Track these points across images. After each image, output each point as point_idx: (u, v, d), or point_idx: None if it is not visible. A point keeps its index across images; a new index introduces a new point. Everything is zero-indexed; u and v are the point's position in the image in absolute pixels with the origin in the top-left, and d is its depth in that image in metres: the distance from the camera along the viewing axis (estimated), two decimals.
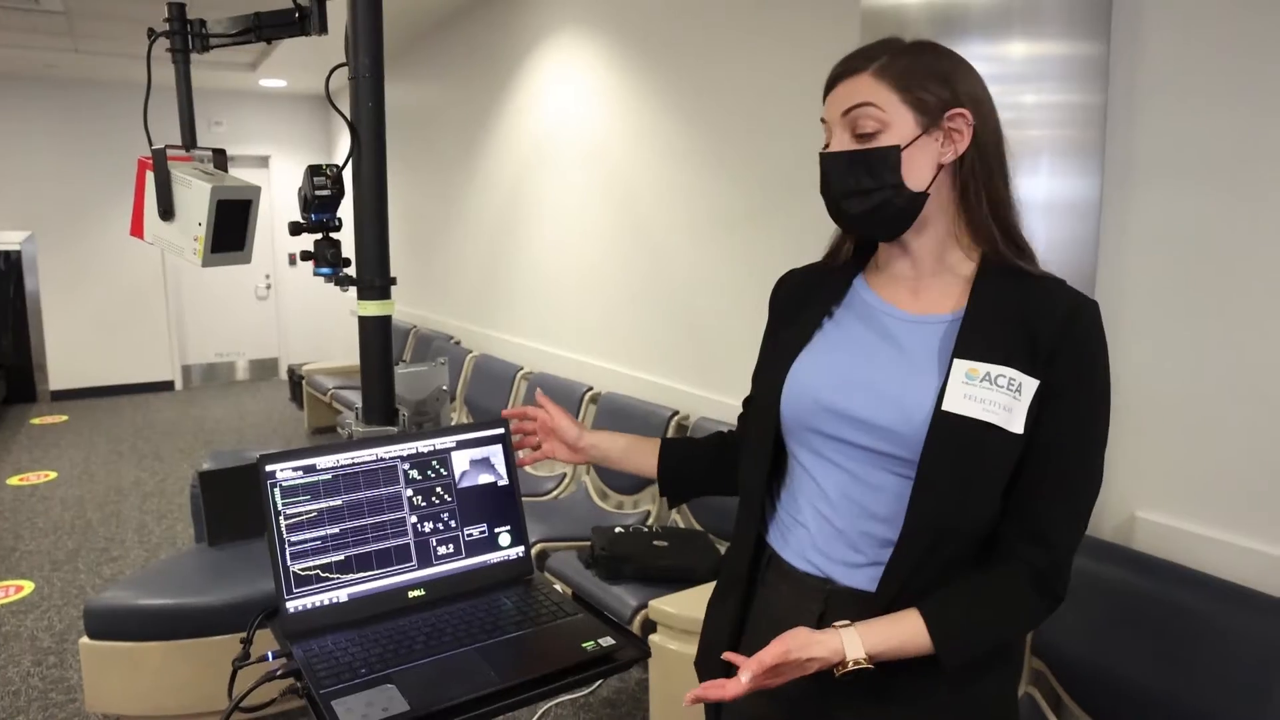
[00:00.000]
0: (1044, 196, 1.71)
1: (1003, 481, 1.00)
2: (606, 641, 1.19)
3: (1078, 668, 1.73)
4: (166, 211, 1.60)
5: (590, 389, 3.72)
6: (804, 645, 0.96)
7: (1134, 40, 1.75)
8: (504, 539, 1.38)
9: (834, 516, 1.08)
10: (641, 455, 1.35)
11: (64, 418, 6.92)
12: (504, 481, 1.39)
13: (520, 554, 1.39)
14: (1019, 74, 1.70)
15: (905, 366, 1.05)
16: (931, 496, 1.00)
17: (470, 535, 1.36)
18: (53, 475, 5.31)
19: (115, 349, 7.79)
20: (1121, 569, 1.73)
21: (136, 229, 1.67)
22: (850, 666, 0.95)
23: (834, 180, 1.06)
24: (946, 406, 0.98)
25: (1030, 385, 0.98)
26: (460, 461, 1.37)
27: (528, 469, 3.96)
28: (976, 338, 1.01)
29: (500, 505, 1.38)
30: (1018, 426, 0.97)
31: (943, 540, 1.00)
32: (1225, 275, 1.64)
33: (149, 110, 1.64)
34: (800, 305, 1.18)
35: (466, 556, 1.35)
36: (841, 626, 0.98)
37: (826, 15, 2.50)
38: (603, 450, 1.36)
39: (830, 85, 1.07)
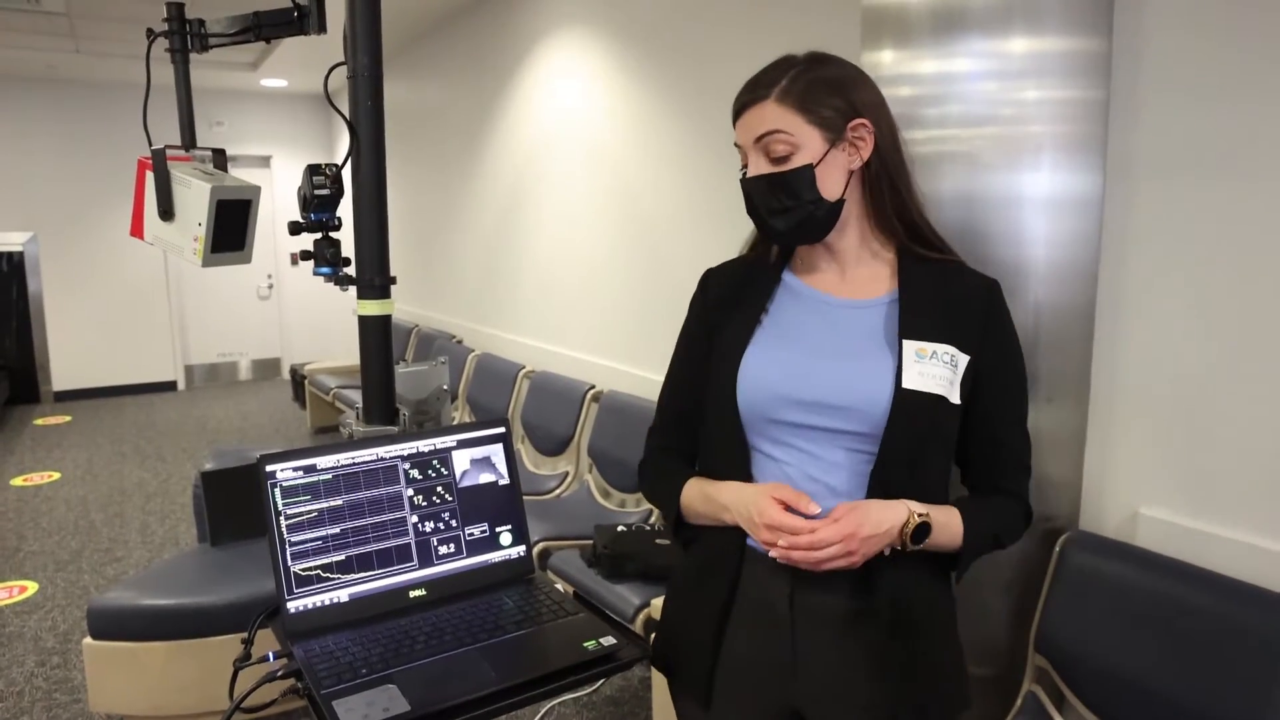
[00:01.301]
0: (1046, 192, 1.71)
1: (948, 447, 1.16)
2: (608, 641, 1.18)
3: (1081, 665, 1.73)
4: (166, 212, 1.60)
5: (593, 387, 3.72)
6: (875, 520, 1.06)
7: (1136, 35, 1.74)
8: (505, 538, 1.38)
9: None
10: None
11: (67, 418, 6.93)
12: (505, 481, 1.39)
13: (521, 553, 1.39)
14: (1020, 70, 1.69)
15: (855, 348, 1.14)
16: (891, 466, 1.10)
17: (471, 535, 1.35)
18: (56, 476, 5.32)
19: (118, 349, 7.80)
20: (1125, 566, 1.73)
21: (136, 229, 1.67)
22: (916, 520, 1.07)
23: (758, 202, 1.17)
24: (907, 384, 1.09)
25: (963, 360, 1.12)
26: (461, 461, 1.37)
27: (530, 468, 3.96)
28: (917, 319, 1.12)
29: (501, 504, 1.38)
30: (956, 397, 1.12)
31: None
32: (1229, 271, 1.63)
33: (150, 110, 1.63)
34: (732, 304, 1.25)
35: (468, 556, 1.35)
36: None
37: (827, 13, 2.50)
38: None
39: (738, 113, 1.19)
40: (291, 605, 1.23)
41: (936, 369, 1.10)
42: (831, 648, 1.15)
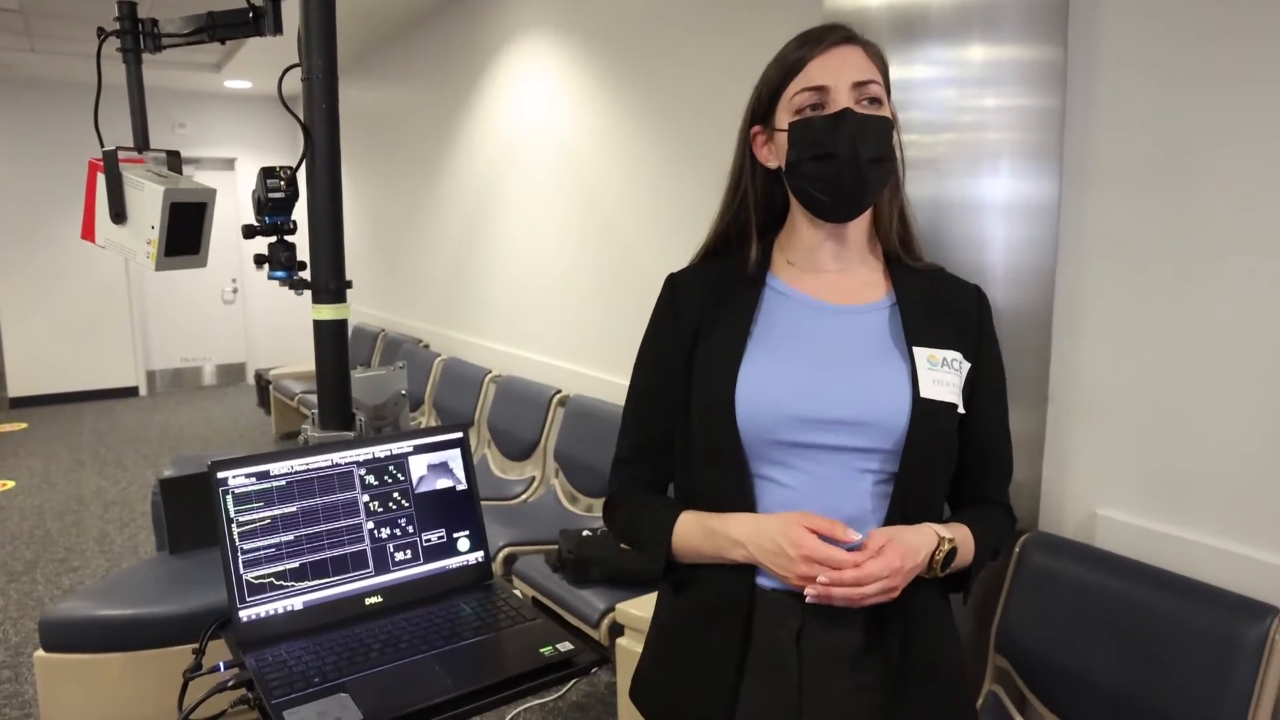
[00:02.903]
0: (1004, 198, 1.73)
1: (953, 458, 1.09)
2: (564, 646, 1.18)
3: (1041, 665, 1.74)
4: (118, 214, 1.57)
5: (559, 392, 3.71)
6: (913, 548, 1.00)
7: (1090, 46, 1.77)
8: (463, 544, 1.37)
9: None
10: None
11: (23, 425, 6.78)
12: (462, 486, 1.38)
13: (479, 559, 1.38)
14: (978, 77, 1.71)
15: (864, 357, 1.05)
16: (911, 484, 1.03)
17: (429, 541, 1.34)
18: (10, 484, 5.20)
19: (77, 354, 7.64)
20: (1082, 566, 1.75)
21: (87, 232, 1.64)
22: (946, 547, 1.01)
23: (870, 143, 1.01)
24: (925, 393, 1.01)
25: (965, 366, 1.07)
26: (418, 466, 1.35)
27: (496, 473, 3.94)
28: (921, 325, 1.06)
29: (459, 510, 1.37)
30: (963, 405, 1.06)
31: (913, 520, 1.05)
32: (1181, 276, 1.66)
33: (107, 112, 1.61)
34: (712, 313, 1.10)
35: (425, 562, 1.33)
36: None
37: (789, 19, 2.51)
38: None
39: (831, 45, 1.04)
40: (244, 614, 1.20)
41: (948, 376, 1.04)
42: (838, 686, 1.04)
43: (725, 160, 1.20)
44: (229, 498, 1.22)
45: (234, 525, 1.22)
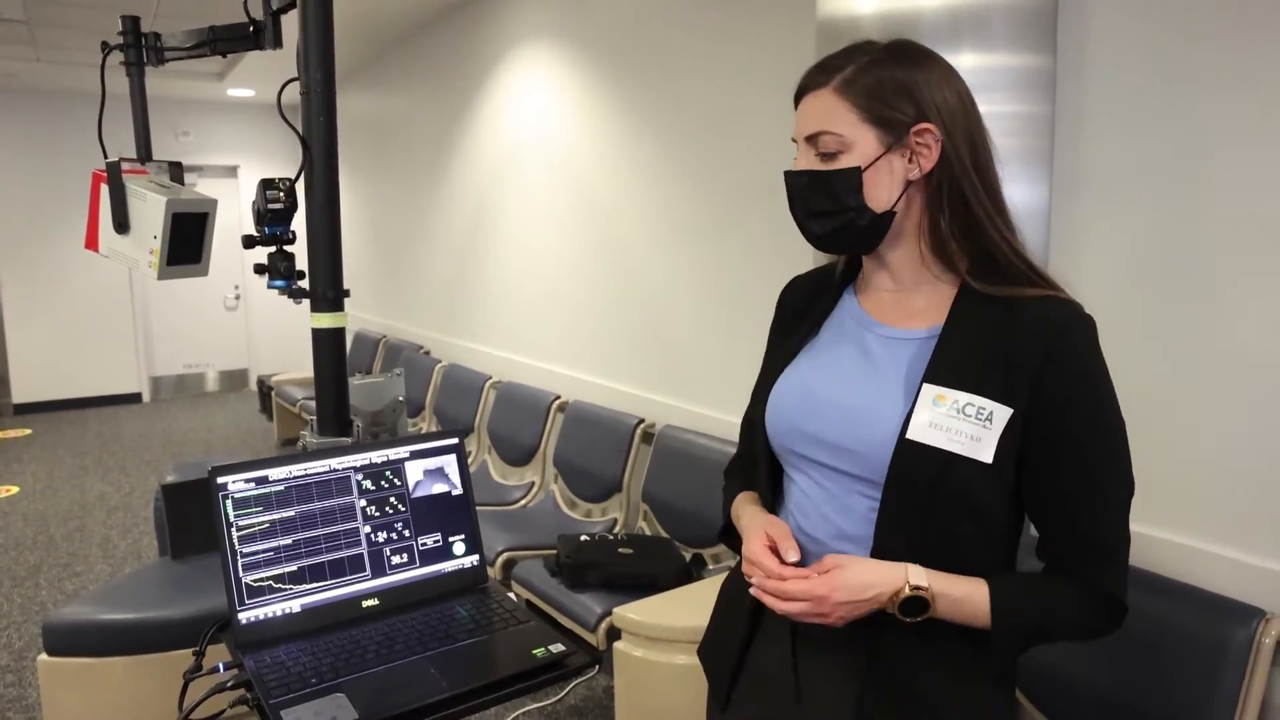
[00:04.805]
0: None
1: (983, 508, 0.97)
2: (557, 648, 1.20)
3: (1038, 672, 1.76)
4: (121, 224, 1.60)
5: (558, 398, 3.73)
6: (858, 584, 0.95)
7: (1079, 54, 1.79)
8: (458, 548, 1.39)
9: (814, 532, 1.06)
10: None
11: (27, 431, 6.82)
12: (458, 491, 1.40)
13: (475, 563, 1.40)
14: (969, 84, 1.72)
15: (873, 386, 1.02)
16: (896, 522, 0.98)
17: (424, 545, 1.36)
18: (14, 490, 5.23)
19: (81, 361, 7.68)
20: None
21: (91, 242, 1.67)
22: (908, 592, 0.94)
23: (797, 200, 1.04)
24: (911, 435, 0.96)
25: (1003, 414, 0.95)
26: (414, 472, 1.38)
27: (496, 478, 3.96)
28: (949, 361, 0.98)
29: (454, 514, 1.39)
30: (987, 456, 0.94)
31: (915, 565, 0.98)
32: (1173, 281, 1.68)
33: (110, 121, 1.64)
34: (800, 315, 1.16)
35: (421, 566, 1.35)
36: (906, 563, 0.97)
37: (784, 25, 2.54)
38: None
39: (798, 97, 1.04)
40: (243, 616, 1.23)
41: (955, 422, 0.95)
42: (829, 689, 1.05)
43: (719, 165, 1.22)
44: (229, 502, 1.25)
45: (233, 529, 1.24)
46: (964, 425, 0.95)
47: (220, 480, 1.25)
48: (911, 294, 1.05)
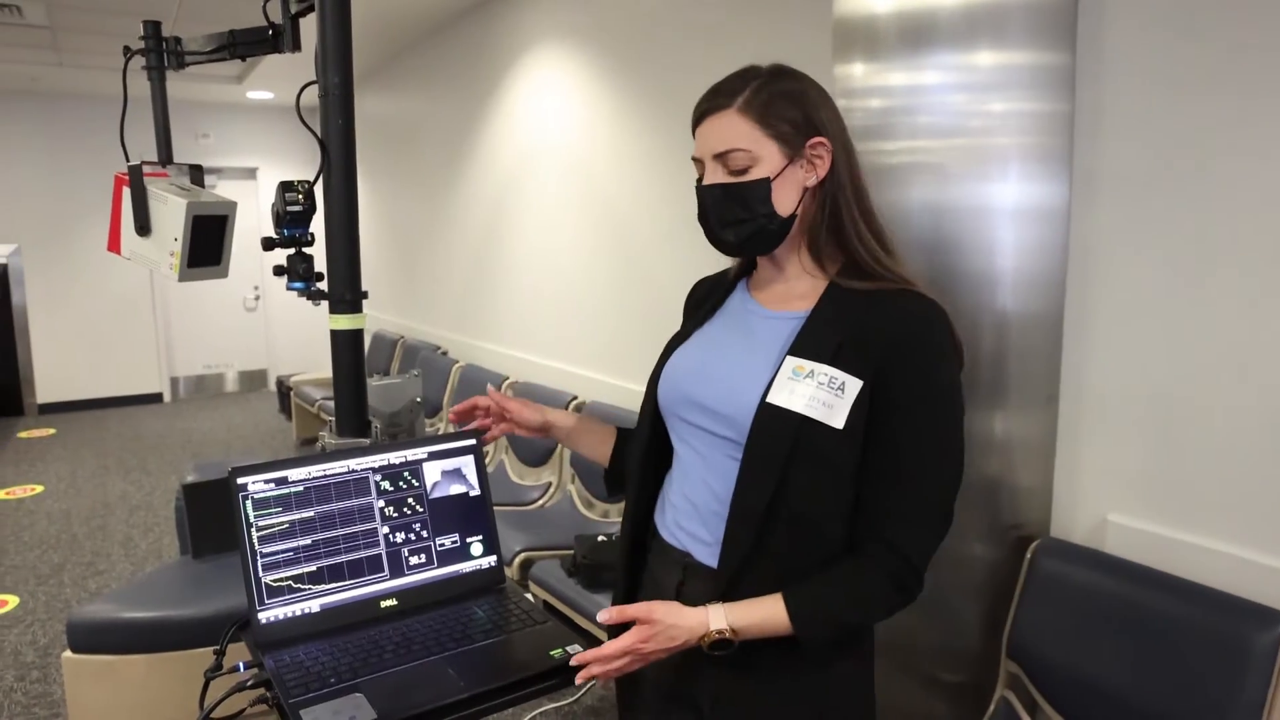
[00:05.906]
0: (1013, 202, 1.74)
1: (835, 473, 1.08)
2: (574, 648, 1.20)
3: (1053, 671, 1.75)
4: (143, 227, 1.62)
5: (575, 398, 3.73)
6: (667, 615, 1.05)
7: (1099, 50, 1.78)
8: (476, 548, 1.39)
9: (692, 495, 1.18)
10: (589, 440, 1.42)
11: (51, 431, 6.90)
12: (475, 492, 1.41)
13: (492, 563, 1.40)
14: (986, 83, 1.72)
15: (747, 358, 1.15)
16: (753, 480, 1.08)
17: (442, 545, 1.37)
18: (39, 489, 5.30)
19: (103, 361, 7.77)
20: (1094, 572, 1.75)
21: (114, 245, 1.68)
22: (714, 636, 1.04)
23: (711, 211, 1.15)
24: (771, 399, 1.08)
25: (854, 385, 1.06)
26: (432, 472, 1.38)
27: (514, 478, 3.97)
28: (811, 337, 1.11)
29: (472, 515, 1.40)
30: (839, 422, 1.05)
31: (771, 524, 1.08)
32: (1192, 282, 1.66)
33: (131, 124, 1.65)
34: (699, 306, 1.31)
35: (439, 566, 1.36)
36: (710, 605, 1.07)
37: (801, 27, 2.53)
38: (559, 430, 1.42)
39: (698, 120, 1.15)
40: (263, 616, 1.24)
41: (812, 390, 1.06)
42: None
43: None
44: (248, 503, 1.26)
45: (253, 530, 1.25)
46: (820, 394, 1.06)
47: (240, 481, 1.26)
48: (791, 284, 1.18)
